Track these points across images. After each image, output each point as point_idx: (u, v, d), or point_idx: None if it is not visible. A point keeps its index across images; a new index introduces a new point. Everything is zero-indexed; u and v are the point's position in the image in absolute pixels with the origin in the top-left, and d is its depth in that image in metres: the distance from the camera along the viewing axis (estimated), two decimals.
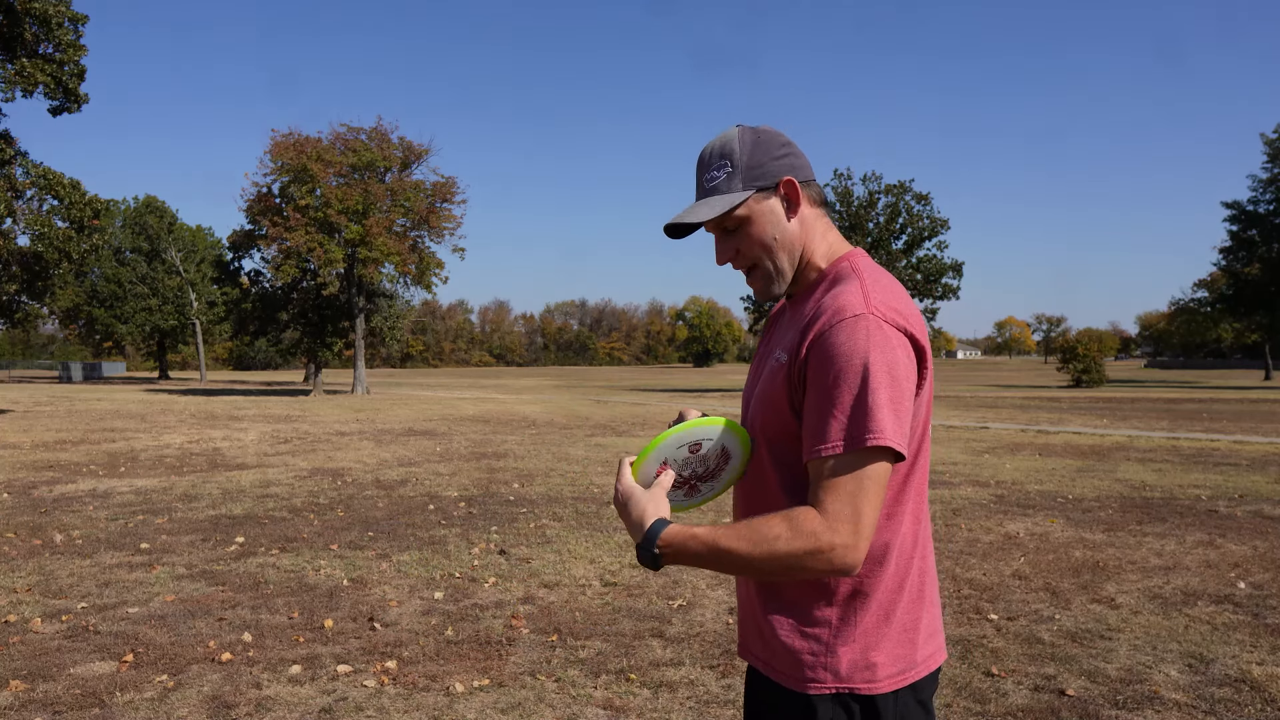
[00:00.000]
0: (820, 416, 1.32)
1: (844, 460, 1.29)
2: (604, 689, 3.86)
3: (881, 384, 1.30)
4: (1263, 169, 48.76)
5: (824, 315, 1.36)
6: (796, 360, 1.38)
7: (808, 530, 1.28)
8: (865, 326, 1.32)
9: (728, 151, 1.46)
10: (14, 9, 21.13)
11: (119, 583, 5.64)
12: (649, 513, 1.39)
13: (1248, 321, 53.81)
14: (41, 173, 23.33)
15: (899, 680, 1.40)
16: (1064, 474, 10.57)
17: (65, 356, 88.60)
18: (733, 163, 1.45)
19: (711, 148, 1.49)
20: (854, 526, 1.28)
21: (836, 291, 1.40)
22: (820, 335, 1.34)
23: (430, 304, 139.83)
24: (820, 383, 1.33)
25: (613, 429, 17.69)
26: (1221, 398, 30.98)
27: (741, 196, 1.44)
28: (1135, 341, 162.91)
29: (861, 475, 1.29)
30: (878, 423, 1.28)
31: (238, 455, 12.97)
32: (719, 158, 1.46)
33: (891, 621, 1.41)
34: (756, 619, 1.50)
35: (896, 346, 1.33)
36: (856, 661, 1.39)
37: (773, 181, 1.46)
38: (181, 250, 60.56)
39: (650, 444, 1.45)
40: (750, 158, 1.45)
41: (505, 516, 7.89)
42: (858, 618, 1.39)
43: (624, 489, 1.44)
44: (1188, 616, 4.83)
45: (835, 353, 1.32)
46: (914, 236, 41.90)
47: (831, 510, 1.28)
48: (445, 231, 36.68)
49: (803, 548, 1.28)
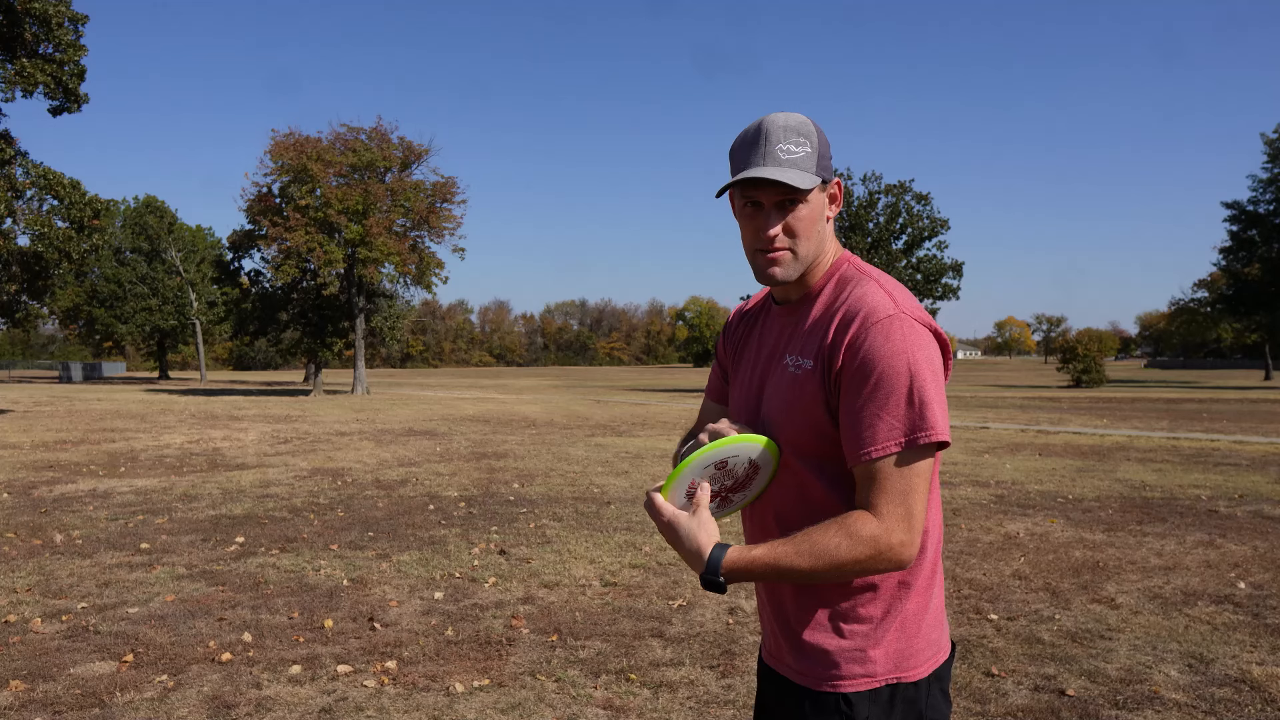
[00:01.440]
0: (867, 419, 1.33)
1: (896, 460, 1.32)
2: (604, 689, 3.86)
3: (928, 380, 1.33)
4: (1263, 169, 48.78)
5: (854, 319, 1.37)
6: (829, 366, 1.38)
7: (866, 536, 1.31)
8: (901, 327, 1.35)
9: (805, 132, 1.44)
10: (14, 9, 21.13)
11: (119, 583, 5.64)
12: (703, 540, 1.37)
13: (1248, 321, 53.79)
14: (41, 173, 23.33)
15: (931, 665, 1.44)
16: (1064, 474, 10.57)
17: (65, 356, 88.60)
18: (811, 145, 1.44)
19: (786, 122, 1.44)
20: (908, 524, 1.32)
21: (859, 294, 1.40)
22: (857, 338, 1.35)
23: (430, 304, 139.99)
24: (861, 386, 1.34)
25: (613, 429, 17.69)
26: (1221, 398, 30.98)
27: (816, 180, 1.43)
28: (1135, 341, 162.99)
29: (911, 473, 1.33)
30: (928, 420, 1.32)
31: (238, 455, 12.97)
32: (796, 134, 1.43)
33: (929, 608, 1.45)
34: (790, 625, 1.49)
35: (930, 343, 1.37)
36: (902, 650, 1.41)
37: (830, 177, 1.47)
38: (181, 250, 60.56)
39: (676, 469, 1.43)
40: (822, 147, 1.45)
41: (505, 516, 7.89)
42: (901, 608, 1.42)
43: (669, 518, 1.41)
44: (1188, 616, 4.83)
45: (876, 354, 1.33)
46: (914, 236, 41.88)
47: (886, 511, 1.32)
48: (445, 231, 36.70)
49: (864, 554, 1.31)
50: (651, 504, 1.44)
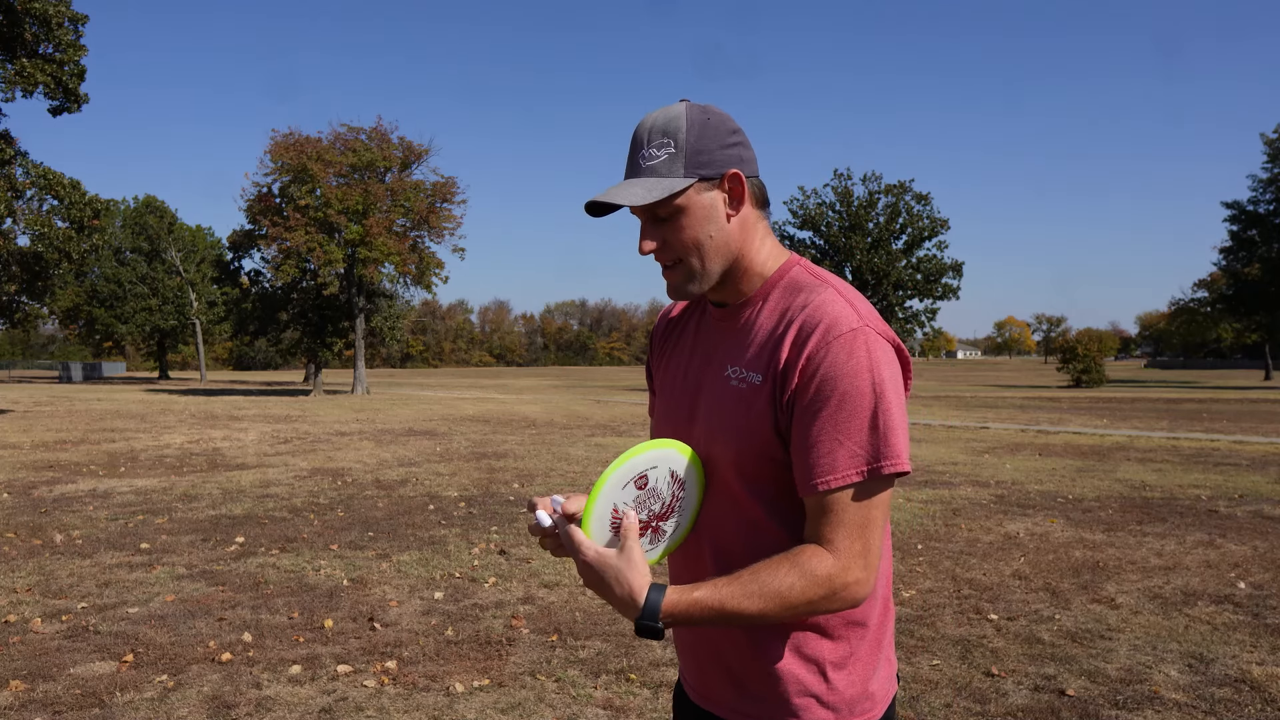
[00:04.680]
0: (824, 445, 1.20)
1: (855, 490, 1.20)
2: (604, 689, 3.86)
3: (893, 403, 1.21)
4: (1263, 169, 48.78)
5: (813, 332, 1.22)
6: (782, 384, 1.24)
7: (821, 575, 1.19)
8: (865, 342, 1.21)
9: (672, 130, 1.27)
10: (14, 9, 21.13)
11: (119, 583, 5.64)
12: (636, 583, 1.20)
13: (1248, 321, 53.75)
14: (41, 173, 23.33)
15: (883, 705, 1.35)
16: (1064, 474, 10.57)
17: (65, 356, 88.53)
18: (676, 143, 1.26)
19: (653, 122, 1.29)
20: (865, 560, 1.21)
21: (817, 303, 1.26)
22: (816, 354, 1.21)
23: (430, 304, 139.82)
24: (820, 407, 1.20)
25: (613, 429, 17.68)
26: (1221, 398, 30.97)
27: (683, 184, 1.25)
28: (1135, 341, 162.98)
29: (871, 505, 1.21)
30: (893, 447, 1.20)
31: (238, 455, 12.97)
32: (660, 135, 1.27)
33: (881, 646, 1.35)
34: (728, 664, 1.34)
35: (894, 361, 1.25)
36: (858, 695, 1.31)
37: (718, 173, 1.28)
38: (181, 250, 60.54)
39: (591, 494, 1.25)
40: (697, 141, 1.27)
41: (505, 516, 7.89)
42: (855, 649, 1.31)
43: (591, 559, 1.22)
44: (1188, 616, 4.83)
45: (838, 373, 1.19)
46: (914, 236, 41.90)
47: (842, 547, 1.20)
48: (445, 231, 36.68)
49: (818, 594, 1.19)
50: (570, 540, 1.23)
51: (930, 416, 20.95)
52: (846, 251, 41.48)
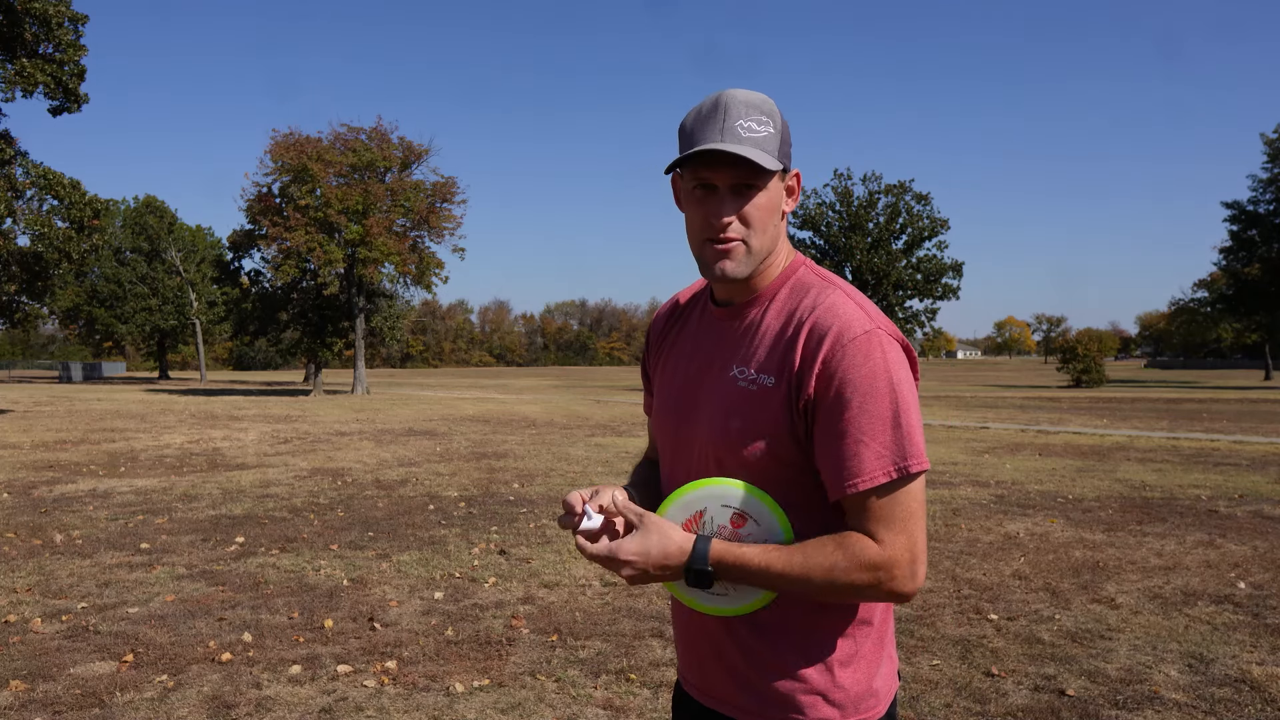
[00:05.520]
0: (849, 448, 1.22)
1: (889, 489, 1.22)
2: (604, 689, 3.86)
3: (910, 405, 1.24)
4: (1263, 169, 48.77)
5: (826, 335, 1.24)
6: (798, 388, 1.25)
7: (867, 561, 1.21)
8: (880, 344, 1.24)
9: (768, 111, 1.29)
10: (14, 9, 21.13)
11: (119, 583, 5.64)
12: (679, 534, 1.26)
13: (1248, 321, 53.78)
14: (41, 173, 23.33)
15: (886, 702, 1.36)
16: (1064, 474, 10.57)
17: (65, 356, 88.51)
18: (774, 126, 1.28)
19: (748, 98, 1.28)
20: (912, 555, 1.22)
21: (827, 305, 1.27)
22: (831, 358, 1.23)
23: (430, 304, 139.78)
24: (843, 410, 1.22)
25: (613, 429, 17.68)
26: (1221, 398, 30.98)
27: (779, 165, 1.28)
28: (1135, 341, 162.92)
29: (909, 500, 1.23)
30: (917, 446, 1.22)
31: (238, 455, 12.97)
32: (759, 112, 1.28)
33: (885, 643, 1.37)
34: (733, 661, 1.35)
35: (905, 362, 1.27)
36: (863, 692, 1.32)
37: (790, 166, 1.33)
38: (181, 250, 60.53)
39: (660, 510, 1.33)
40: (784, 131, 1.31)
41: (505, 516, 7.89)
42: (860, 646, 1.33)
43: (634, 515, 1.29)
44: (1188, 616, 4.83)
45: (856, 376, 1.22)
46: (914, 236, 41.90)
47: (888, 540, 1.21)
48: (445, 231, 36.70)
49: (865, 580, 1.21)
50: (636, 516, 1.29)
51: (930, 416, 20.94)
52: (846, 251, 41.49)
